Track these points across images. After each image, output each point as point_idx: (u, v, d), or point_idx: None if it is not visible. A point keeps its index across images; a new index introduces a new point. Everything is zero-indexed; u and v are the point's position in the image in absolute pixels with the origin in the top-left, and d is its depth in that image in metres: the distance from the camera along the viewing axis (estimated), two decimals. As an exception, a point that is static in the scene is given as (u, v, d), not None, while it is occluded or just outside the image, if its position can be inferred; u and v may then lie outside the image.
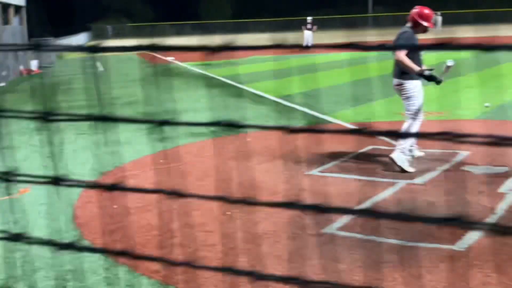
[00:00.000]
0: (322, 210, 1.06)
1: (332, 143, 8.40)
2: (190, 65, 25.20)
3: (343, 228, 5.10)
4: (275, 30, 74.84)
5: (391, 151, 7.77)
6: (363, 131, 1.06)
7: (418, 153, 7.31)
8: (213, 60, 23.66)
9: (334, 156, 7.66)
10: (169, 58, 29.60)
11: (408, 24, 7.12)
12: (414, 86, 6.95)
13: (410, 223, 5.10)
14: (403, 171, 6.75)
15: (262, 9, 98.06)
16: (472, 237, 4.68)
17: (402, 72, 6.93)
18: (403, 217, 1.01)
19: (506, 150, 7.57)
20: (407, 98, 7.01)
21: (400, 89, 7.05)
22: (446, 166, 6.97)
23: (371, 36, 61.99)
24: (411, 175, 6.62)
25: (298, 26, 71.07)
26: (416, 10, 7.09)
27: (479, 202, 5.61)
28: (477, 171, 6.69)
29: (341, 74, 18.91)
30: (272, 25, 79.29)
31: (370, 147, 8.08)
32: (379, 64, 21.59)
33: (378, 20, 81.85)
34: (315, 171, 6.98)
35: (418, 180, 6.44)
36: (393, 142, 8.26)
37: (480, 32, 28.99)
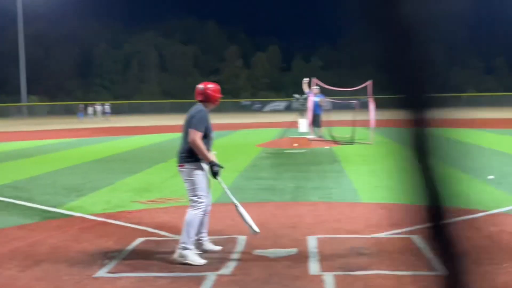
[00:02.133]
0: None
1: (93, 239, 7.29)
2: None
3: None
4: None
5: (167, 241, 7.12)
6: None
7: (212, 247, 6.69)
8: None
9: (106, 253, 6.59)
10: None
11: (199, 104, 6.60)
12: (199, 168, 6.42)
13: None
14: (193, 265, 6.12)
15: None
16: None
17: (187, 153, 6.38)
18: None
19: (277, 230, 7.55)
20: (191, 182, 6.43)
21: (183, 171, 6.44)
22: (236, 252, 6.56)
23: (28, 125, 59.63)
24: (215, 266, 6.01)
25: None
26: (203, 86, 6.64)
27: (306, 287, 5.31)
28: (272, 255, 6.44)
29: (34, 163, 17.21)
30: None
31: (141, 240, 7.21)
32: (77, 150, 20.58)
33: (34, 109, 79.46)
34: (102, 273, 5.84)
35: (224, 271, 5.88)
36: (162, 232, 7.59)
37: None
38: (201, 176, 6.39)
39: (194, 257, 6.19)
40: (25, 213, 9.12)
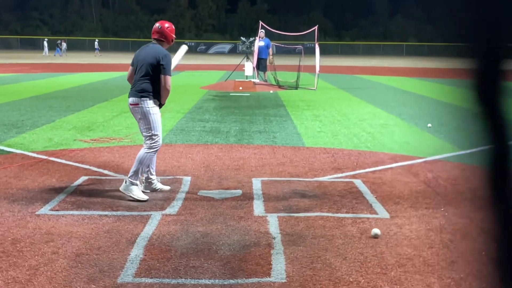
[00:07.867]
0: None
1: (34, 176, 7.17)
2: None
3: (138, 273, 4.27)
4: None
5: (111, 180, 7.09)
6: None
7: (161, 186, 6.71)
8: None
9: (50, 190, 6.51)
10: None
11: (154, 42, 6.55)
12: (153, 106, 6.39)
13: (210, 259, 4.60)
14: (136, 200, 6.16)
15: None
16: (281, 267, 4.45)
17: (142, 90, 6.30)
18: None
19: (222, 172, 7.62)
20: (147, 121, 6.37)
21: (137, 109, 6.36)
22: (181, 192, 6.60)
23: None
24: (160, 206, 6.04)
25: None
26: (161, 25, 6.58)
27: (250, 227, 5.42)
28: (217, 196, 6.51)
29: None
30: None
31: (84, 178, 7.14)
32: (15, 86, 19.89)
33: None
34: (45, 210, 5.78)
35: (170, 210, 5.91)
36: (106, 171, 7.54)
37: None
38: (157, 115, 6.40)
39: (139, 193, 6.22)
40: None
